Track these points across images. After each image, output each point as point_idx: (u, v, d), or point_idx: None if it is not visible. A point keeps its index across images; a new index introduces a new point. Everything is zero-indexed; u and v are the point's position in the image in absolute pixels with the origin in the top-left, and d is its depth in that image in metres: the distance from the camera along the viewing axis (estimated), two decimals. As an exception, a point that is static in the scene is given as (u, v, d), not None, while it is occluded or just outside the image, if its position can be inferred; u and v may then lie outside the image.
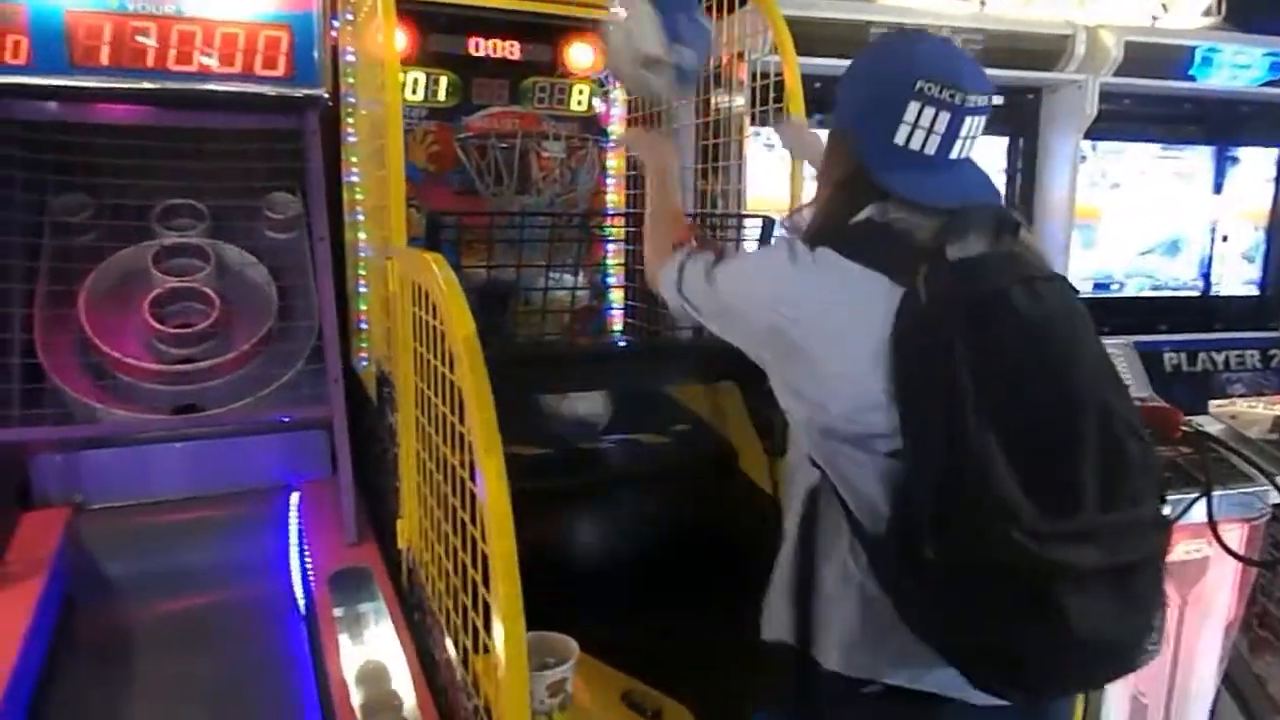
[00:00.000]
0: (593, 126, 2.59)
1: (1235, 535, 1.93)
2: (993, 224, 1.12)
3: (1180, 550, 1.96)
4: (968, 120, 1.11)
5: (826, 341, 1.10)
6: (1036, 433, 0.99)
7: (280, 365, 2.17)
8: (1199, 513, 1.77)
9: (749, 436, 1.96)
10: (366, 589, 1.87)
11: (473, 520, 1.19)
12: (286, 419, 2.16)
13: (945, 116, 1.10)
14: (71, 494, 2.04)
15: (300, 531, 2.09)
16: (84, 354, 2.07)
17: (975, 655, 1.02)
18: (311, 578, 1.93)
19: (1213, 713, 2.17)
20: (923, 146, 1.11)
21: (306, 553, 2.02)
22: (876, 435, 1.06)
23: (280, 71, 2.09)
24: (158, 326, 2.10)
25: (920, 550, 0.98)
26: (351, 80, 2.23)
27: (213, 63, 2.05)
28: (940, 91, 1.09)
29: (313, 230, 2.23)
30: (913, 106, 1.10)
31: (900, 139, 1.12)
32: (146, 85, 2.03)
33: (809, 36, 2.05)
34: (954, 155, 1.13)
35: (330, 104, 2.22)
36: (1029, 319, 1.02)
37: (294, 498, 2.17)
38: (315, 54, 2.10)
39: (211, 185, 2.26)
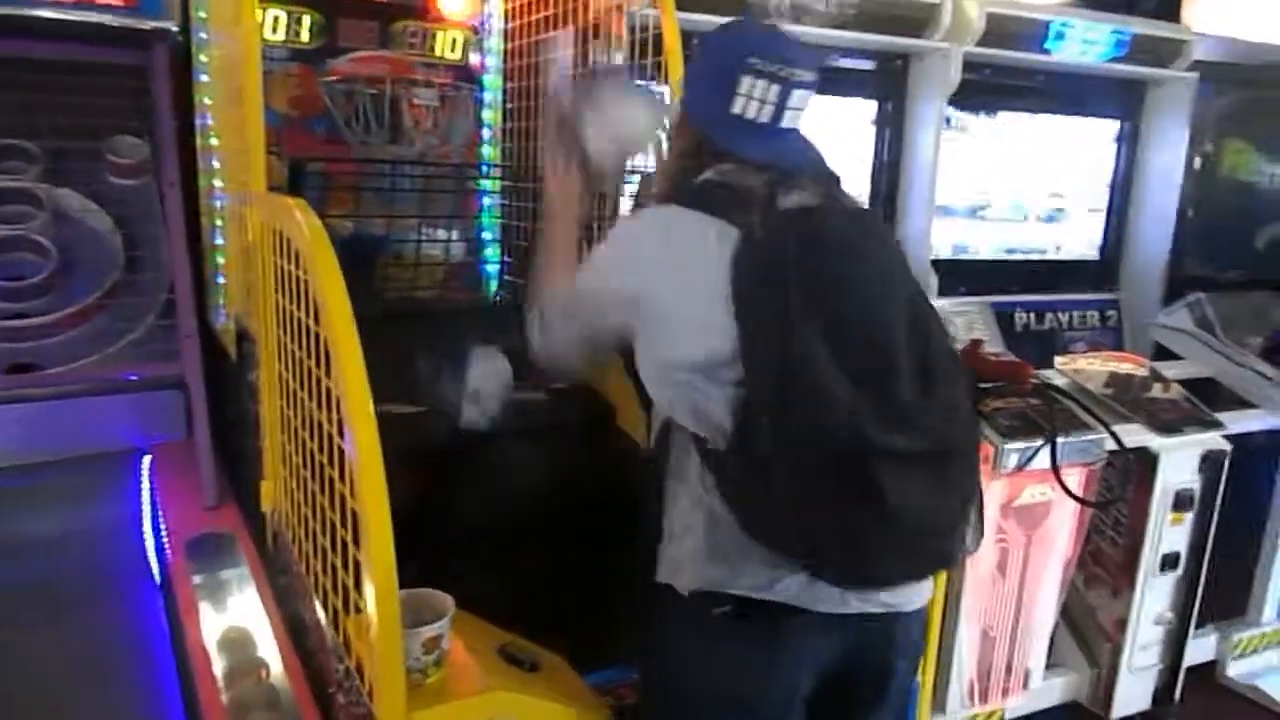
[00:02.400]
0: (467, 75, 2.51)
1: (1075, 479, 2.08)
2: (815, 179, 1.26)
3: (1027, 494, 2.11)
4: (795, 93, 1.25)
5: (675, 282, 1.20)
6: (856, 332, 1.13)
7: (127, 321, 2.02)
8: (1044, 459, 1.92)
9: (626, 392, 1.96)
10: (228, 554, 1.79)
11: (342, 478, 1.15)
12: (135, 377, 2.02)
13: (775, 89, 1.23)
14: (-112, 462, 1.85)
15: (153, 496, 1.97)
16: (-104, 308, 1.88)
17: (810, 545, 1.12)
18: (167, 545, 1.83)
19: (1051, 641, 2.36)
20: (756, 115, 1.24)
21: (161, 519, 1.90)
22: (722, 363, 1.15)
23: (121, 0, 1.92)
24: (-16, 279, 1.92)
25: (757, 450, 1.09)
26: (203, 14, 2.07)
27: (45, -12, 1.86)
28: (769, 66, 1.23)
29: (162, 176, 2.07)
30: (746, 80, 1.23)
31: (737, 108, 1.24)
32: (-36, 9, 1.83)
33: (688, -9, 2.05)
34: (784, 124, 1.26)
35: (181, 38, 2.06)
36: (841, 232, 1.19)
37: (145, 461, 2.04)
38: (162, -18, 1.93)
39: (46, 124, 2.06)
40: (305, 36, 2.29)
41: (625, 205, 2.03)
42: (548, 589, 1.58)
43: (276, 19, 2.24)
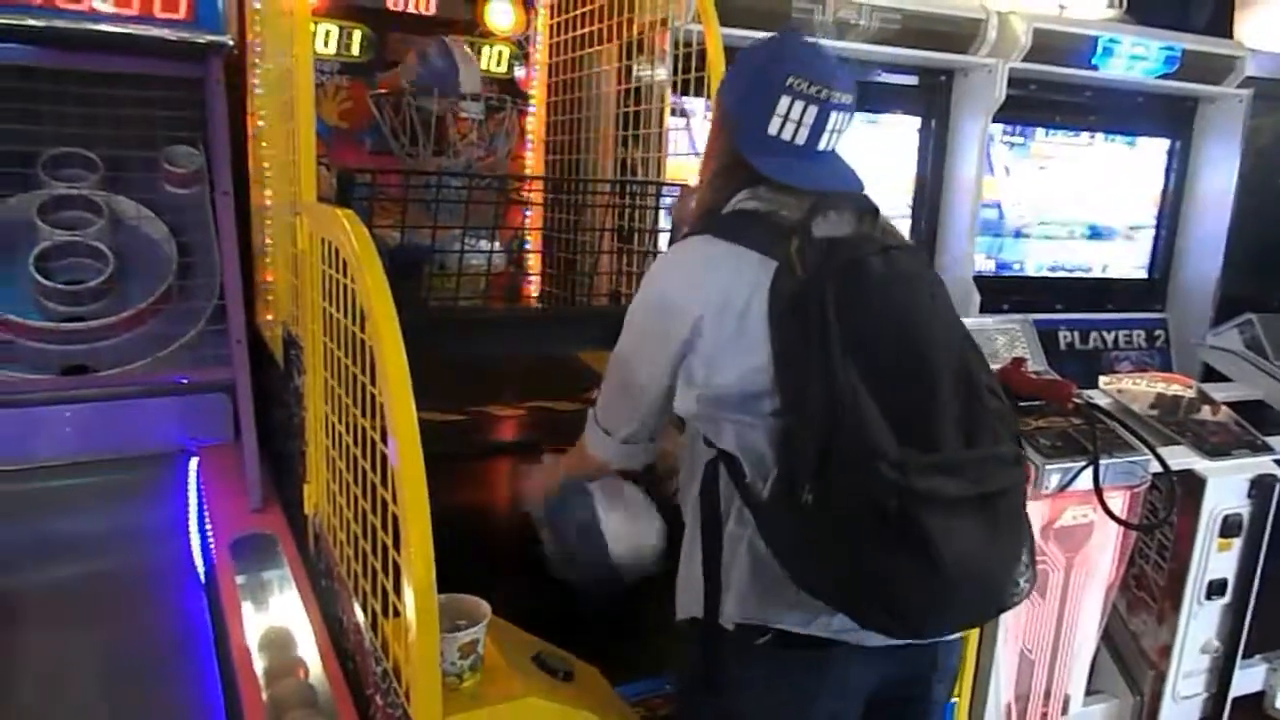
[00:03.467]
0: (512, 89, 2.55)
1: (1119, 501, 2.04)
2: (853, 208, 1.23)
3: (1069, 515, 2.07)
4: (833, 115, 1.22)
5: (714, 315, 1.18)
6: (899, 378, 1.09)
7: (179, 325, 2.07)
8: (1086, 480, 1.89)
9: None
10: (270, 556, 1.82)
11: (384, 483, 1.17)
12: (185, 380, 2.07)
13: (813, 110, 1.20)
14: (-53, 456, 1.91)
15: (200, 497, 2.01)
16: (-38, 310, 1.94)
17: (855, 594, 1.09)
18: (212, 545, 1.87)
19: (1092, 666, 2.31)
20: (793, 137, 1.21)
21: (207, 519, 1.94)
22: (761, 394, 1.14)
23: (181, 14, 1.98)
24: (44, 282, 1.98)
25: (800, 497, 1.06)
26: (259, 28, 2.13)
27: (106, 4, 1.92)
28: (809, 88, 1.20)
29: (215, 185, 2.13)
30: (784, 100, 1.20)
31: (773, 129, 1.21)
32: (31, 23, 1.90)
33: (732, 8, 2.06)
34: (821, 147, 1.23)
35: (236, 52, 2.12)
36: (886, 279, 1.14)
37: (193, 463, 2.08)
38: (219, -1, 1.99)
39: (106, 134, 2.13)
40: (356, 50, 2.35)
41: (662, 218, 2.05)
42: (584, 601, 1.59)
43: (328, 33, 2.30)
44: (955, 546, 1.03)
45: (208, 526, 1.93)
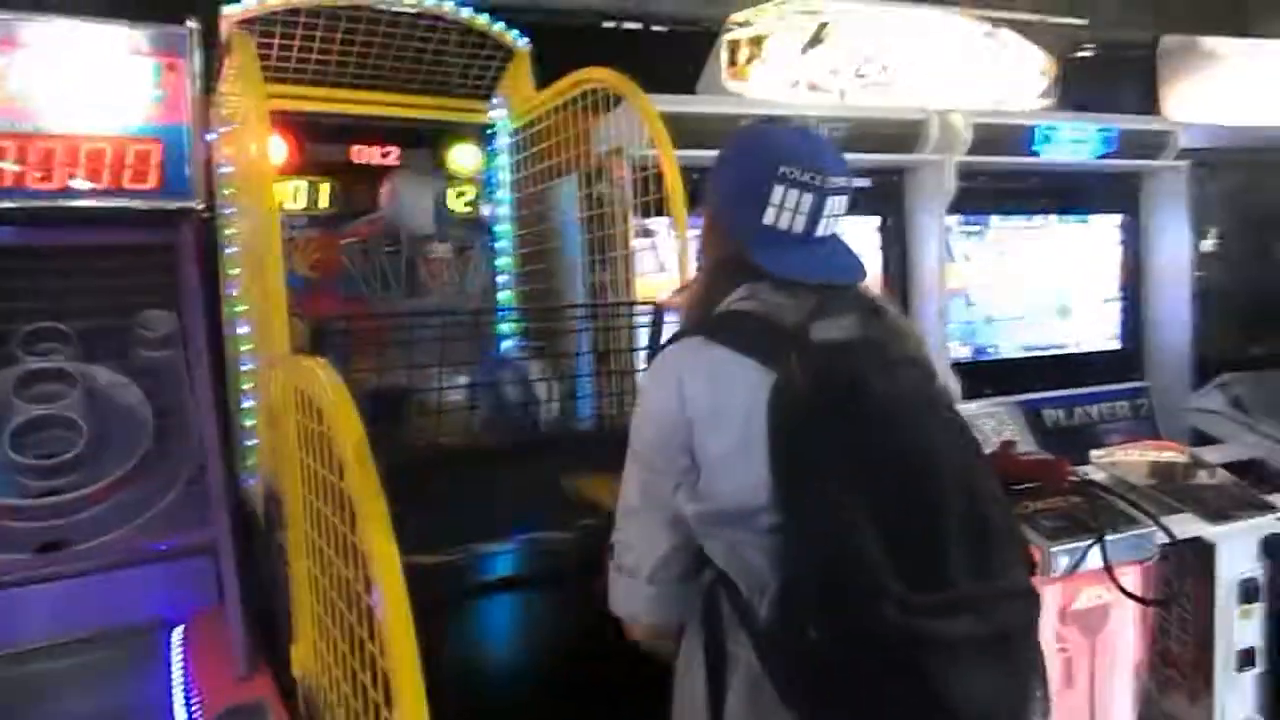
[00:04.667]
0: (479, 227, 2.60)
1: (1131, 578, 1.99)
2: (854, 307, 1.19)
3: (1083, 597, 2.02)
4: (829, 200, 1.20)
5: (709, 424, 1.14)
6: (902, 509, 1.04)
7: (158, 490, 2.03)
8: (1096, 559, 1.85)
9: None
10: (260, 725, 1.73)
11: (371, 637, 1.12)
12: (165, 547, 2.01)
13: (809, 198, 1.18)
14: (-81, 652, 1.83)
15: (185, 669, 1.92)
16: (-66, 494, 1.90)
17: None
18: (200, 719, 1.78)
19: (1132, 757, 2.20)
20: (790, 226, 1.19)
21: (193, 692, 1.85)
22: (758, 510, 1.09)
23: (151, 185, 2.03)
24: (17, 459, 1.95)
25: (804, 632, 1.01)
26: (229, 191, 2.18)
27: (79, 181, 1.97)
28: (802, 174, 1.18)
29: (190, 346, 2.13)
30: (778, 190, 1.18)
31: (769, 219, 1.19)
32: (6, 205, 1.94)
33: (684, 131, 2.13)
34: (820, 233, 1.20)
35: (207, 216, 2.16)
36: (888, 402, 1.09)
37: (176, 633, 2.00)
38: (188, 166, 2.05)
39: (80, 305, 2.14)
40: (324, 203, 2.41)
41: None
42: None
43: (296, 189, 2.37)
44: (969, 696, 0.99)
45: (194, 700, 1.84)
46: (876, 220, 2.89)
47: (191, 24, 2.00)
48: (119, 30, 1.98)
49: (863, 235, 2.87)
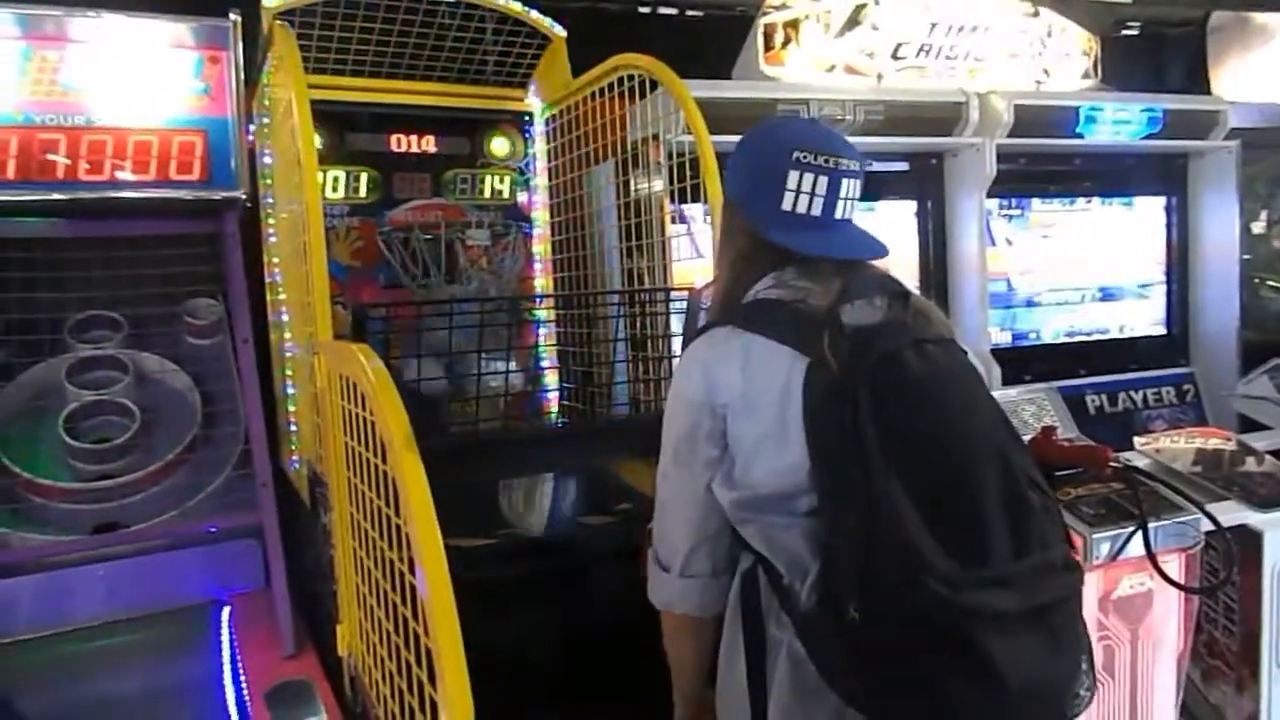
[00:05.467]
0: (516, 214, 2.62)
1: (1174, 565, 1.96)
2: (882, 293, 1.20)
3: (1125, 584, 1.99)
4: (844, 182, 1.21)
5: (743, 411, 1.15)
6: (941, 486, 1.04)
7: (206, 474, 2.09)
8: (1138, 546, 1.82)
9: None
10: (306, 702, 1.77)
11: (415, 615, 1.15)
12: (214, 529, 2.06)
13: (824, 180, 1.20)
14: (-20, 629, 1.90)
15: (233, 648, 1.98)
16: (-7, 477, 1.97)
17: (912, 717, 1.03)
18: (247, 697, 1.82)
19: (1175, 747, 2.17)
20: (809, 209, 1.20)
21: (241, 670, 1.91)
22: (797, 494, 1.11)
23: (195, 176, 2.07)
24: (73, 443, 2.01)
25: (845, 614, 1.01)
26: (269, 181, 2.22)
27: (125, 172, 2.02)
28: (815, 158, 1.19)
29: (235, 333, 2.18)
30: (794, 175, 1.19)
31: (788, 205, 1.20)
32: (56, 197, 1.99)
33: (719, 116, 2.12)
34: (838, 215, 1.22)
35: (249, 205, 2.20)
36: (921, 379, 1.10)
37: (225, 613, 2.06)
38: (232, 157, 2.08)
39: (129, 294, 2.19)
40: (363, 192, 2.45)
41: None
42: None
43: (336, 179, 2.40)
44: (1017, 666, 0.98)
45: (242, 677, 1.89)
46: (914, 204, 2.86)
47: (234, 17, 2.03)
48: (164, 24, 2.01)
49: (901, 219, 2.85)
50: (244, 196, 2.14)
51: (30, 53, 1.91)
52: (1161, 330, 3.19)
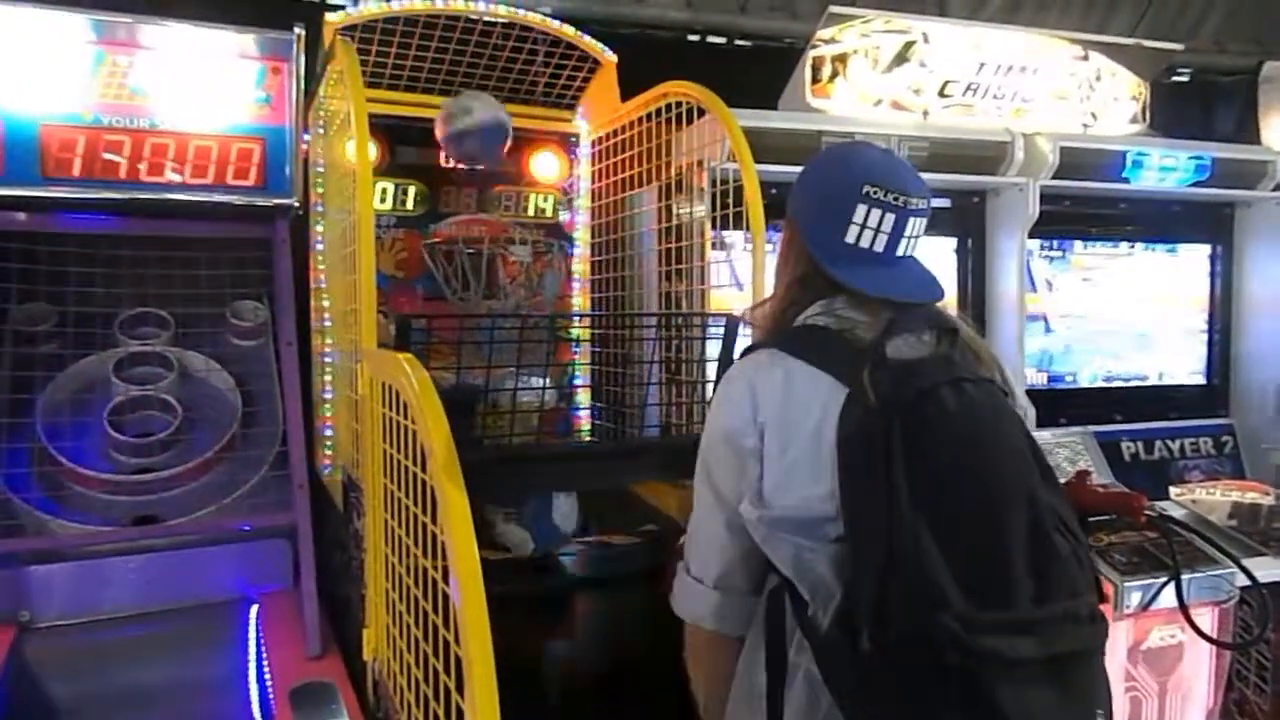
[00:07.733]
0: (558, 232, 2.66)
1: (1207, 619, 1.93)
2: (929, 325, 1.20)
3: (1155, 636, 1.96)
4: (910, 221, 1.23)
5: (779, 433, 1.16)
6: (967, 526, 1.04)
7: (243, 472, 2.13)
8: (1170, 597, 1.80)
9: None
10: (329, 704, 1.79)
11: (446, 624, 1.16)
12: (248, 527, 2.10)
13: (890, 217, 1.21)
14: (18, 611, 1.94)
15: (259, 646, 2.01)
16: (38, 464, 2.02)
17: None
18: (271, 695, 1.85)
19: (1201, 807, 2.13)
20: (871, 244, 1.22)
21: (266, 668, 1.93)
22: (824, 519, 1.11)
23: (251, 181, 2.13)
24: (116, 435, 2.06)
25: (859, 642, 1.01)
26: (321, 190, 2.27)
27: (184, 175, 2.08)
28: (885, 195, 1.20)
29: (279, 336, 2.22)
30: (861, 209, 1.21)
31: (851, 238, 1.22)
32: (115, 195, 2.05)
33: (764, 146, 2.15)
34: (900, 253, 1.23)
35: (300, 213, 2.25)
36: (956, 418, 1.09)
37: (254, 610, 2.09)
38: (287, 165, 2.14)
39: (179, 293, 2.25)
40: (410, 205, 2.49)
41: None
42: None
43: (385, 190, 2.45)
44: (1023, 713, 0.97)
45: (267, 675, 1.91)
46: (954, 241, 2.85)
47: (298, 30, 2.09)
48: (231, 35, 2.08)
49: (941, 256, 2.84)
50: (297, 204, 2.19)
51: (103, 56, 1.98)
52: (1201, 380, 3.15)
